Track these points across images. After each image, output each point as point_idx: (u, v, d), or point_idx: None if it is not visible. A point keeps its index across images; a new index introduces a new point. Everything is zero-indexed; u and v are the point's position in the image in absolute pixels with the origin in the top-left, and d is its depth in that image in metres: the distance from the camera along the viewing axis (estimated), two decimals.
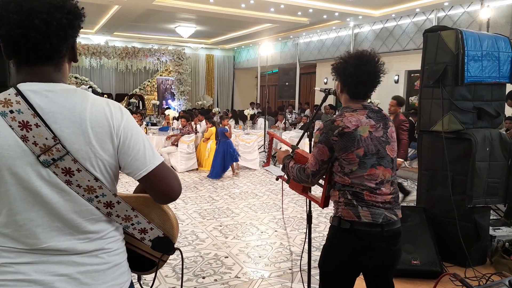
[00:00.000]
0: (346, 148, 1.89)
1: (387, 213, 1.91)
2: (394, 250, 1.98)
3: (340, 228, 1.94)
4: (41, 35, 1.06)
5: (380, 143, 1.95)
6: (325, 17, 10.95)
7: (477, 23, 8.67)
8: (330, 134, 1.91)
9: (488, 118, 3.64)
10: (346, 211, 1.92)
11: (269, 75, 15.78)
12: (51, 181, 1.09)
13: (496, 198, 3.54)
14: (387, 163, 1.96)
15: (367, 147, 1.91)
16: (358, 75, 1.95)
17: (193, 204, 5.96)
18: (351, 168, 1.90)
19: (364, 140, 1.90)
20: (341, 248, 1.97)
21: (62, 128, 1.08)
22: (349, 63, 1.97)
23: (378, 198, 1.90)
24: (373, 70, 1.97)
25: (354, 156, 1.89)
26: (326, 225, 5.00)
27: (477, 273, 3.30)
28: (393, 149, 2.00)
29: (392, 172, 1.98)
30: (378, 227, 1.89)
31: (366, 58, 1.97)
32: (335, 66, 2.06)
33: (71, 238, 1.13)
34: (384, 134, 1.98)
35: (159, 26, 13.31)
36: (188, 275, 3.57)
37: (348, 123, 1.91)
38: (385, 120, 2.01)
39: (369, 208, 1.89)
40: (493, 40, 3.58)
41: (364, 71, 1.95)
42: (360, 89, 2.00)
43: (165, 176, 1.22)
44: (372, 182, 1.90)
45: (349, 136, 1.89)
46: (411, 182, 7.56)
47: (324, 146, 1.94)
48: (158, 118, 13.44)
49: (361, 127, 1.91)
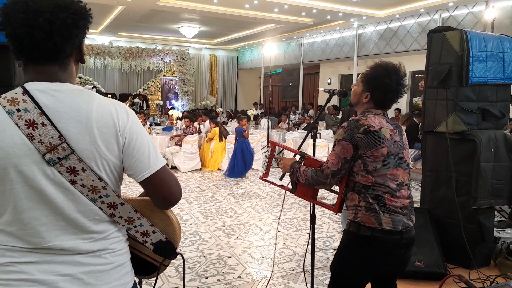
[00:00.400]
0: (371, 146, 1.92)
1: (405, 220, 1.92)
2: (407, 256, 2.01)
3: (359, 234, 1.91)
4: (44, 34, 1.07)
5: (398, 147, 2.00)
6: (329, 17, 10.94)
7: (481, 24, 8.63)
8: (356, 131, 1.94)
9: (493, 119, 3.62)
10: (367, 217, 1.89)
11: (273, 75, 15.78)
12: (55, 180, 1.10)
13: (500, 200, 3.52)
14: (405, 166, 2.01)
15: (390, 148, 1.95)
16: (397, 90, 2.04)
17: (196, 204, 5.96)
18: (375, 166, 1.91)
19: (387, 140, 1.95)
20: (359, 255, 1.95)
21: (68, 128, 1.09)
22: (391, 79, 2.02)
23: (397, 202, 1.92)
24: (400, 82, 2.05)
25: (379, 154, 1.92)
26: (329, 226, 4.99)
27: (481, 275, 3.28)
28: (407, 155, 2.08)
29: (409, 176, 2.03)
30: (398, 235, 1.89)
31: (395, 69, 2.04)
32: (373, 78, 2.05)
33: (75, 238, 1.14)
34: (401, 140, 2.04)
35: (163, 27, 13.34)
36: (191, 275, 3.57)
37: (372, 123, 1.96)
38: (399, 128, 2.09)
39: (390, 215, 1.89)
40: (498, 40, 3.56)
41: (393, 81, 2.02)
42: (389, 99, 2.08)
43: (167, 179, 1.22)
44: (394, 183, 1.93)
45: (375, 134, 1.93)
46: (414, 183, 7.53)
47: (349, 144, 1.94)
48: (161, 118, 13.47)
49: (383, 128, 1.97)
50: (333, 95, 2.42)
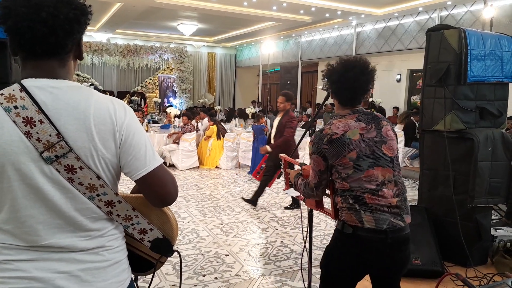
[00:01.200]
0: (338, 154, 1.90)
1: (392, 219, 1.87)
2: (400, 256, 1.94)
3: (343, 232, 1.93)
4: (47, 28, 1.06)
5: (374, 144, 1.93)
6: (327, 15, 10.93)
7: (480, 22, 8.64)
8: (320, 143, 1.94)
9: (491, 118, 3.63)
10: (349, 216, 1.90)
11: (271, 73, 15.77)
12: (53, 178, 1.09)
13: (497, 198, 3.53)
14: (386, 162, 1.93)
15: (360, 149, 1.90)
16: (341, 81, 1.99)
17: (194, 202, 5.96)
18: (347, 172, 1.90)
19: (355, 143, 1.90)
20: (343, 252, 1.97)
21: (66, 125, 1.08)
22: (334, 70, 2.01)
23: (381, 201, 1.87)
24: (357, 77, 1.97)
25: (347, 160, 1.89)
26: (327, 224, 5.00)
27: (478, 273, 3.29)
28: (391, 147, 1.97)
29: (393, 171, 1.95)
30: (382, 234, 1.85)
31: (351, 65, 1.98)
32: (323, 71, 2.10)
33: (72, 236, 1.13)
34: (378, 134, 1.96)
35: (161, 24, 13.30)
36: (188, 273, 3.57)
37: (335, 130, 1.92)
38: (377, 121, 2.00)
39: (372, 213, 1.86)
40: (496, 39, 3.56)
41: (348, 78, 1.96)
42: (346, 96, 2.02)
43: (163, 178, 1.21)
44: (372, 184, 1.88)
45: (338, 142, 1.90)
46: (412, 181, 7.55)
47: (318, 157, 1.96)
48: (159, 116, 13.44)
49: (350, 131, 1.92)
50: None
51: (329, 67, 2.06)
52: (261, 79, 17.19)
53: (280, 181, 6.91)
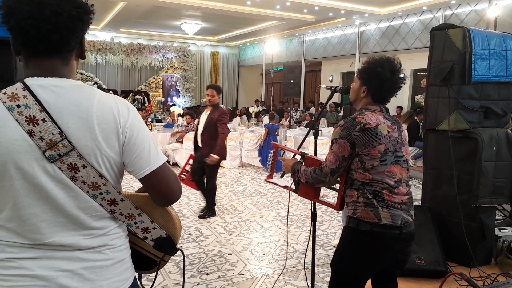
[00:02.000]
0: (368, 143, 1.92)
1: (404, 215, 1.93)
2: (408, 250, 2.01)
3: (359, 230, 1.92)
4: (51, 25, 1.06)
5: (396, 144, 2.00)
6: (331, 14, 10.91)
7: (484, 22, 8.60)
8: (352, 129, 1.94)
9: (495, 118, 3.62)
10: (366, 212, 1.90)
11: (274, 72, 15.76)
12: (56, 176, 1.09)
13: (502, 198, 3.52)
14: (403, 163, 2.00)
15: (387, 145, 1.95)
16: (393, 80, 2.02)
17: (197, 200, 5.97)
18: (373, 163, 1.92)
19: (384, 137, 1.95)
20: (360, 250, 1.96)
21: (68, 124, 1.08)
22: (384, 68, 2.01)
23: (396, 198, 1.92)
24: (401, 77, 2.05)
25: (376, 152, 1.92)
26: (330, 223, 4.99)
27: (482, 273, 3.28)
28: (407, 151, 2.07)
29: (407, 173, 2.02)
30: (397, 229, 1.89)
31: (397, 65, 2.04)
32: (367, 70, 2.07)
33: (75, 234, 1.13)
34: (399, 136, 2.03)
35: (165, 23, 13.32)
36: (191, 272, 3.57)
37: (369, 120, 1.95)
38: (398, 124, 2.08)
39: (389, 210, 1.89)
40: (501, 38, 3.54)
41: (395, 80, 2.03)
42: (389, 94, 2.07)
43: (167, 177, 1.21)
44: (392, 180, 1.93)
45: (371, 132, 1.92)
46: (416, 181, 7.53)
47: (346, 142, 1.95)
48: (163, 114, 13.46)
49: (380, 125, 1.96)
50: (335, 92, 2.42)
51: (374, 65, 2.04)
52: (265, 78, 17.17)
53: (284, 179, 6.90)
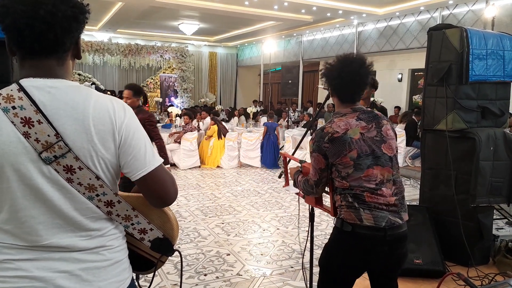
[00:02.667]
0: (338, 153, 1.90)
1: (391, 217, 1.89)
2: (398, 253, 1.95)
3: (342, 230, 1.94)
4: (46, 25, 1.06)
5: (374, 143, 1.94)
6: (328, 15, 10.91)
7: (481, 22, 8.61)
8: (321, 141, 1.94)
9: (492, 117, 3.62)
10: (348, 214, 1.91)
11: (272, 73, 15.76)
12: (52, 178, 1.09)
13: (499, 198, 3.53)
14: (385, 162, 1.94)
15: (360, 148, 1.90)
16: (341, 77, 1.97)
17: (195, 201, 5.96)
18: (347, 171, 1.90)
19: (355, 142, 1.90)
20: (342, 250, 1.98)
21: (64, 125, 1.08)
22: (333, 67, 2.01)
23: (380, 199, 1.88)
24: (356, 71, 1.97)
25: (348, 159, 1.89)
26: (328, 224, 4.99)
27: (479, 273, 3.29)
28: (390, 146, 1.98)
29: (392, 170, 1.96)
30: (381, 231, 1.86)
31: (349, 60, 1.99)
32: (322, 71, 2.10)
33: (72, 235, 1.13)
34: (378, 133, 1.97)
35: (162, 24, 13.30)
36: (189, 272, 3.57)
37: (337, 128, 1.92)
38: (377, 119, 2.00)
39: (371, 211, 1.87)
40: (498, 38, 3.55)
41: (347, 72, 1.96)
42: (346, 92, 2.02)
43: (163, 179, 1.20)
44: (372, 183, 1.89)
45: (339, 140, 1.90)
46: (413, 181, 7.54)
47: (319, 155, 1.96)
48: (161, 115, 13.45)
49: (351, 130, 1.92)
50: None
51: (327, 65, 2.06)
52: (263, 78, 17.17)
53: (283, 180, 6.91)
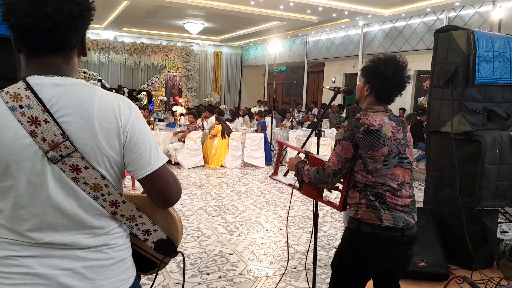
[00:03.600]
0: (371, 146, 1.89)
1: (406, 217, 1.91)
2: (409, 253, 1.99)
3: (360, 231, 1.91)
4: (51, 23, 1.05)
5: (401, 145, 1.97)
6: (334, 15, 10.90)
7: (488, 24, 8.56)
8: (356, 131, 1.91)
9: (499, 120, 3.59)
10: (368, 214, 1.89)
11: (277, 73, 15.73)
12: (58, 177, 1.09)
13: (504, 201, 3.50)
14: (407, 165, 1.97)
15: (391, 147, 1.92)
16: (395, 78, 1.98)
17: (199, 200, 5.97)
18: (376, 166, 1.89)
19: (388, 139, 1.92)
20: (360, 251, 1.95)
21: (69, 123, 1.08)
22: (386, 66, 1.98)
23: (398, 201, 1.90)
24: (406, 75, 2.01)
25: (379, 154, 1.89)
26: (332, 225, 4.98)
27: (483, 277, 3.26)
28: (411, 153, 2.03)
29: (411, 175, 1.99)
30: (399, 232, 1.88)
31: (401, 62, 2.01)
32: (369, 68, 2.05)
33: (76, 233, 1.13)
34: (404, 137, 2.00)
35: (168, 23, 13.33)
36: (192, 271, 3.57)
37: (373, 121, 1.92)
38: (403, 124, 2.05)
39: (391, 212, 1.88)
40: (505, 41, 3.52)
41: (400, 75, 1.99)
42: (392, 93, 2.04)
43: (167, 178, 1.20)
44: (395, 183, 1.91)
45: (375, 134, 1.89)
46: (417, 183, 7.51)
47: (349, 143, 1.92)
48: (165, 114, 13.47)
49: (385, 126, 1.93)
50: (338, 93, 2.41)
51: (379, 62, 2.01)
52: (267, 78, 17.16)
53: (286, 179, 6.89)
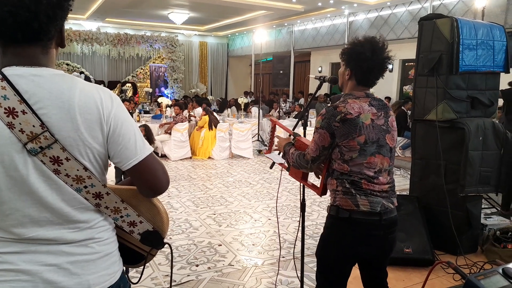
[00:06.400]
0: (347, 135, 1.88)
1: (384, 202, 1.92)
2: (390, 238, 2.00)
3: (339, 217, 1.94)
4: (30, 13, 1.02)
5: (380, 132, 1.95)
6: (320, 4, 10.85)
7: (472, 12, 8.64)
8: (332, 119, 1.90)
9: (482, 107, 3.65)
10: (345, 200, 1.91)
11: (263, 63, 15.67)
12: (38, 170, 1.06)
13: (488, 187, 3.57)
14: (386, 152, 1.96)
15: (368, 135, 1.90)
16: (373, 59, 1.93)
17: (186, 192, 5.94)
18: (351, 155, 1.90)
19: (366, 127, 1.90)
20: (340, 237, 1.97)
21: (49, 114, 1.05)
22: (364, 47, 1.94)
23: (375, 187, 1.91)
24: (385, 56, 1.96)
25: (355, 143, 1.88)
26: (320, 214, 5.02)
27: (468, 261, 3.33)
28: (392, 138, 2.00)
29: (390, 161, 1.99)
30: (376, 216, 1.89)
31: (380, 44, 1.96)
32: (347, 50, 2.01)
33: (60, 228, 1.11)
34: (385, 122, 1.98)
35: (152, 13, 13.12)
36: (181, 263, 3.57)
37: (350, 110, 1.89)
38: (386, 109, 2.01)
39: (367, 197, 1.89)
40: (488, 28, 3.56)
41: (378, 56, 1.94)
42: (372, 75, 1.98)
43: (154, 167, 1.19)
44: (371, 171, 1.91)
45: (351, 123, 1.87)
46: (404, 171, 7.60)
47: (326, 132, 1.92)
48: (151, 106, 13.33)
49: (363, 114, 1.90)
50: (324, 82, 2.40)
51: (356, 44, 1.96)
52: (254, 69, 17.09)
53: (274, 170, 6.92)
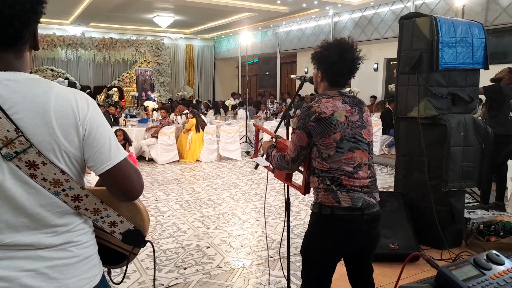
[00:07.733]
0: (323, 133, 1.92)
1: (365, 197, 1.95)
2: (373, 233, 2.03)
3: (321, 214, 1.97)
4: (3, 20, 1.02)
5: (356, 127, 1.98)
6: (304, 5, 10.92)
7: (453, 11, 8.78)
8: (307, 120, 1.94)
9: (462, 104, 3.71)
10: (326, 197, 1.95)
11: (250, 65, 15.71)
12: (14, 175, 1.05)
13: (470, 182, 3.63)
14: (364, 146, 2.00)
15: (344, 132, 1.94)
16: (341, 62, 1.97)
17: (174, 196, 5.92)
18: (329, 153, 1.93)
19: (340, 124, 1.93)
20: (323, 234, 2.00)
21: (24, 119, 1.04)
22: (331, 51, 1.98)
23: (356, 182, 1.94)
24: (354, 57, 2.00)
25: (331, 141, 1.92)
26: (307, 213, 5.04)
27: (452, 255, 3.39)
28: (369, 133, 2.04)
29: (369, 155, 2.02)
30: (358, 211, 1.92)
31: (348, 45, 2.00)
32: (316, 54, 2.06)
33: (37, 232, 1.10)
34: (360, 118, 2.01)
35: (137, 16, 13.06)
36: (169, 267, 3.55)
37: (324, 109, 1.93)
38: (360, 105, 2.05)
39: (348, 193, 1.92)
40: (467, 26, 3.63)
41: (346, 58, 1.98)
42: (342, 76, 2.02)
43: (128, 172, 1.19)
44: (350, 166, 1.94)
45: (326, 121, 1.91)
46: (390, 169, 7.68)
47: (302, 132, 1.96)
48: (137, 110, 13.25)
49: (337, 112, 1.94)
50: (305, 82, 2.42)
51: (324, 47, 2.01)
52: (240, 70, 17.10)
53: (261, 172, 6.94)
